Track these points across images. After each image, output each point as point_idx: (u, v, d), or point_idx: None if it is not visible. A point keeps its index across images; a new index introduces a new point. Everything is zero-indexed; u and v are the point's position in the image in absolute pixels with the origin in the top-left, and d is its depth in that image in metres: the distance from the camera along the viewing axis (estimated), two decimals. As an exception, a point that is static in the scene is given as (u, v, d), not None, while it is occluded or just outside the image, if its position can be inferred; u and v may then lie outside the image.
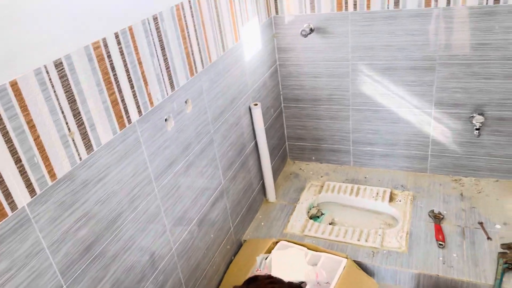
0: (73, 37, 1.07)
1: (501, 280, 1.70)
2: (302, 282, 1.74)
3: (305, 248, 1.92)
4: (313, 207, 2.32)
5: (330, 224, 2.20)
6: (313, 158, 2.67)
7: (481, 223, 1.99)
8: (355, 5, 2.09)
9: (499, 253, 1.82)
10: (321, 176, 2.53)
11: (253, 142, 2.20)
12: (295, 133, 2.63)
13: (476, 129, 2.11)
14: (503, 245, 1.85)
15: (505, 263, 1.75)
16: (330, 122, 2.50)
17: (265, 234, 2.14)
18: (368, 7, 2.07)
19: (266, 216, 2.27)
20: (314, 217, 2.26)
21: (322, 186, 2.42)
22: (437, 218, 2.05)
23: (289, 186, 2.48)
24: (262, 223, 2.22)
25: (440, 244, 1.91)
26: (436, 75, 2.12)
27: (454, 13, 1.96)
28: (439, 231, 1.97)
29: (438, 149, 2.31)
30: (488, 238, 1.91)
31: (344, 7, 2.11)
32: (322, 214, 2.28)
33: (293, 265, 1.82)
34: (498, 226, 1.97)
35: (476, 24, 1.95)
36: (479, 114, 2.11)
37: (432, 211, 2.10)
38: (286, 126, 2.63)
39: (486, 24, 1.93)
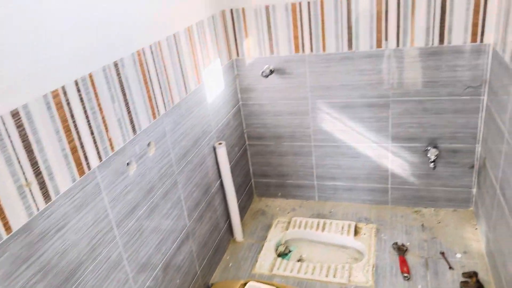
0: (31, 86, 1.07)
1: (464, 309, 1.74)
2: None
3: (274, 288, 1.90)
4: (281, 244, 2.32)
5: (298, 261, 2.19)
6: (279, 194, 2.69)
7: (442, 253, 2.05)
8: (311, 47, 2.19)
9: (461, 282, 1.87)
10: (288, 212, 2.54)
11: (219, 181, 2.20)
12: (260, 170, 2.66)
13: (432, 161, 2.21)
14: (464, 274, 1.91)
15: (467, 291, 1.80)
16: (293, 158, 2.54)
17: (233, 276, 2.10)
18: (324, 49, 2.18)
19: (234, 256, 2.24)
20: (283, 255, 2.25)
21: (289, 223, 2.44)
22: (400, 250, 2.10)
23: (256, 224, 2.47)
24: (230, 264, 2.19)
25: (405, 276, 1.94)
26: (391, 111, 2.22)
27: (404, 54, 2.09)
28: (403, 263, 2.01)
29: (398, 182, 2.40)
30: (450, 267, 1.96)
31: (301, 50, 2.21)
32: (290, 251, 2.28)
33: (262, 306, 1.79)
34: (458, 255, 2.03)
35: (424, 63, 2.08)
36: (433, 147, 2.22)
37: (396, 243, 2.15)
38: (251, 164, 2.65)
39: (433, 63, 2.07)
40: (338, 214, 2.46)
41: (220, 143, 2.13)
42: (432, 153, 2.21)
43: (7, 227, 1.00)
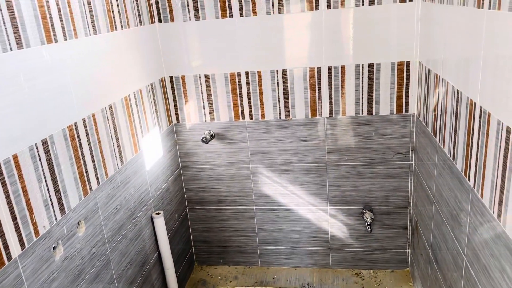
0: None
1: None
2: None
3: None
4: (223, 316, 2.22)
5: (241, 334, 2.11)
6: (221, 261, 2.61)
7: (383, 317, 2.07)
8: (251, 115, 2.24)
9: None
10: (230, 281, 2.46)
11: (157, 253, 2.10)
12: (201, 236, 2.58)
13: (368, 224, 2.28)
14: None
15: None
16: (235, 223, 2.51)
17: None
18: (263, 116, 2.24)
19: (172, 333, 2.11)
20: (224, 328, 2.15)
21: (231, 292, 2.36)
22: (343, 316, 2.09)
23: (197, 295, 2.37)
24: None
25: None
26: (327, 175, 2.30)
27: (337, 122, 2.20)
28: (346, 330, 2.00)
29: (337, 244, 2.43)
30: (391, 332, 1.98)
31: (241, 117, 2.26)
32: (233, 323, 2.19)
33: None
34: (398, 319, 2.06)
35: (356, 131, 2.20)
36: (368, 210, 2.30)
37: (338, 309, 2.15)
38: (192, 230, 2.58)
39: (364, 131, 2.19)
40: (281, 280, 2.43)
41: (158, 213, 2.05)
42: (367, 216, 2.28)
43: None
